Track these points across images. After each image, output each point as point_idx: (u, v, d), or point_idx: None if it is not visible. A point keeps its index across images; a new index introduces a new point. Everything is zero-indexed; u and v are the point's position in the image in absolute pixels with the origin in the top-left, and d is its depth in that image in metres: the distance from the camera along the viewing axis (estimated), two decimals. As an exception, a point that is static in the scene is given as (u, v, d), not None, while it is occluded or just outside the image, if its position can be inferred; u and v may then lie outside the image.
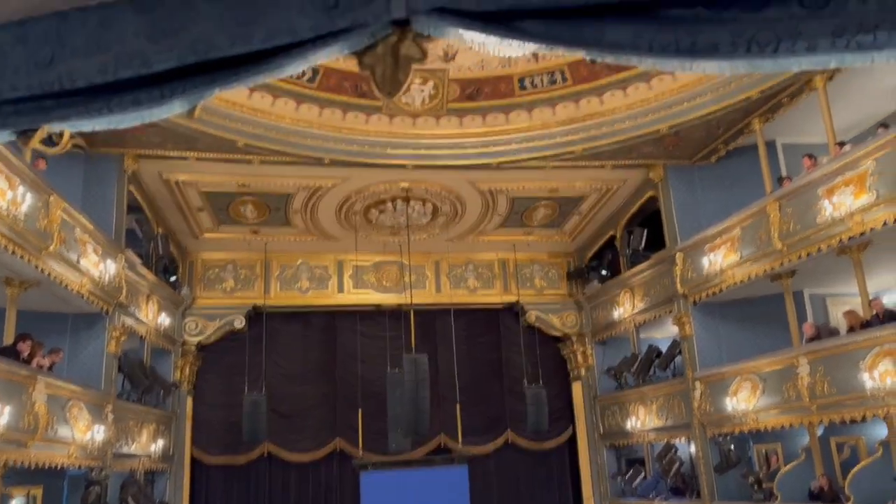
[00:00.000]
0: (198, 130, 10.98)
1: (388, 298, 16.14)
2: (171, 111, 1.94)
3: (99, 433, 10.04)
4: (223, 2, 1.87)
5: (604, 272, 15.82)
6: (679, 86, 11.20)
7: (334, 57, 1.91)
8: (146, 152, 11.64)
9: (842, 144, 10.02)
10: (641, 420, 14.11)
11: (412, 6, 1.77)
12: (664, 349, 13.77)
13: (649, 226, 14.05)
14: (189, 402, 14.95)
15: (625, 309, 14.78)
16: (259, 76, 1.91)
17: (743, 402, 11.08)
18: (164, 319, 13.68)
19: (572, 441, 16.60)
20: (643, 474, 14.74)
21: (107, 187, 11.49)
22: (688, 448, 13.66)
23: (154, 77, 1.87)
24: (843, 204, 9.09)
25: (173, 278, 14.19)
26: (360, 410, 15.20)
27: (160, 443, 13.03)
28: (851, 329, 9.71)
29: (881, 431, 10.01)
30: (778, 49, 1.58)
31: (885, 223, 8.57)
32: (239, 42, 1.82)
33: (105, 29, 1.93)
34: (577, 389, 16.71)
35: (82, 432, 9.68)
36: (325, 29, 1.82)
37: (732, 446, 11.72)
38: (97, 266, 10.24)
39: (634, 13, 1.65)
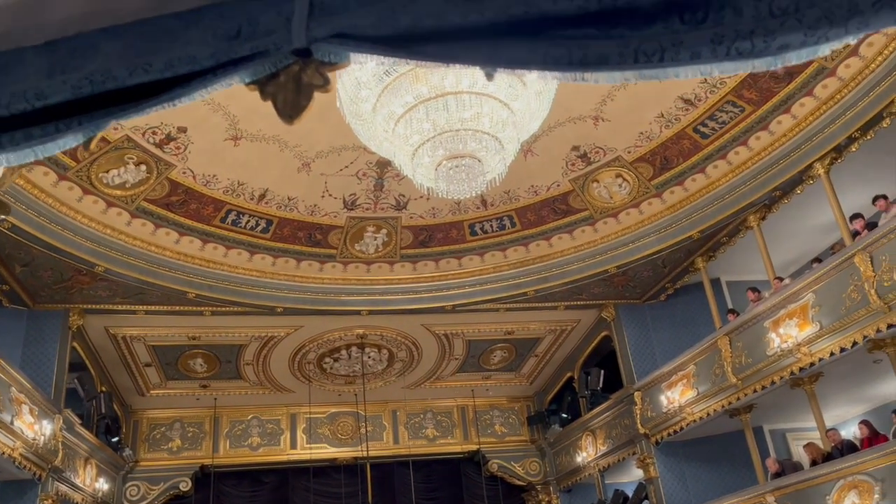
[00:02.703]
0: (148, 283, 10.84)
1: (344, 452, 15.51)
2: (65, 145, 1.95)
3: None
4: (123, 38, 1.90)
5: (564, 415, 15.56)
6: (622, 228, 11.64)
7: (234, 85, 1.92)
8: (93, 307, 11.38)
9: (781, 279, 10.41)
10: (614, 573, 13.32)
11: (312, 34, 1.81)
12: (630, 493, 13.31)
13: (606, 366, 14.04)
14: (125, 578, 13.72)
15: (588, 453, 14.40)
16: (158, 106, 1.91)
17: (716, 546, 10.64)
18: (103, 485, 12.76)
19: None
20: None
21: (48, 344, 11.09)
22: None
23: (48, 111, 1.87)
24: (789, 336, 9.28)
25: (116, 439, 13.43)
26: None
27: None
28: (814, 462, 9.60)
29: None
30: (663, 58, 1.70)
31: (831, 353, 8.74)
32: (138, 72, 1.84)
33: (4, 71, 1.96)
34: (545, 543, 15.89)
35: None
36: (225, 57, 1.84)
37: None
38: (32, 427, 9.64)
39: (527, 34, 1.76)
